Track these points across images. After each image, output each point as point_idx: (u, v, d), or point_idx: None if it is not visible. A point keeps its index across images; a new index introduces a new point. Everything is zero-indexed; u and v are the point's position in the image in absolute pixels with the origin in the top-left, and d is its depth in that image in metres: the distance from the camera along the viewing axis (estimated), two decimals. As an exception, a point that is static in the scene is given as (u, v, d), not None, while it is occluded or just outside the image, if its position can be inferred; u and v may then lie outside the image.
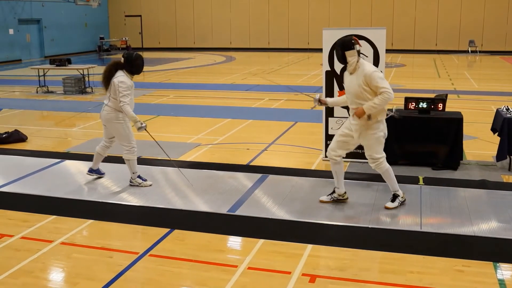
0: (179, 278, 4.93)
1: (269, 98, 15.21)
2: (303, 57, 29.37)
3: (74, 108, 14.17)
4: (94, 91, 17.01)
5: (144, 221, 6.31)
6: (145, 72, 23.74)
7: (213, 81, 19.72)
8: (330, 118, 8.58)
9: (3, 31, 28.61)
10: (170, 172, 8.17)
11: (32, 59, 30.33)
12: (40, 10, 31.20)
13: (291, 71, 22.66)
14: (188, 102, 15.01)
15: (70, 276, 5.05)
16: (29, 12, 30.42)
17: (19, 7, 29.58)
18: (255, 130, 11.12)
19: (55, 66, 17.59)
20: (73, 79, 16.99)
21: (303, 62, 26.81)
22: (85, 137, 10.71)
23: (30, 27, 30.96)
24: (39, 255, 5.44)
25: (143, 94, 16.49)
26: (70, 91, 16.89)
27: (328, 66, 8.46)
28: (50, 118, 13.29)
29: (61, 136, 10.99)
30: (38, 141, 10.41)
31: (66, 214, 6.52)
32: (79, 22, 34.56)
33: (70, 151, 9.57)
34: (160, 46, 36.71)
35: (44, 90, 17.43)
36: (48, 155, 9.28)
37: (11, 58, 29.02)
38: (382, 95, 6.06)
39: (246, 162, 8.65)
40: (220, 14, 35.32)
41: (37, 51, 31.58)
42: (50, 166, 8.61)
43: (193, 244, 5.64)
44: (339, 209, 6.54)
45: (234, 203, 6.76)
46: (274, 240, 5.68)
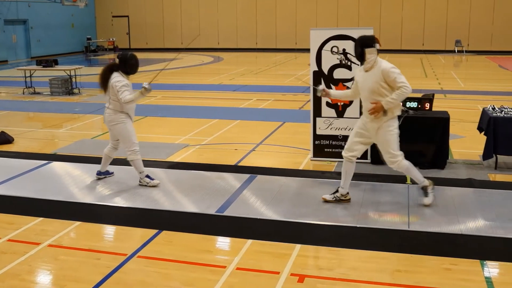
0: (168, 279, 4.92)
1: (257, 99, 15.21)
2: (290, 57, 29.41)
3: (61, 109, 14.08)
4: (81, 92, 16.92)
5: (132, 222, 6.29)
6: (133, 72, 23.65)
7: (200, 81, 19.70)
8: (318, 118, 8.59)
9: (-11, 32, 28.42)
10: (157, 172, 8.14)
11: (18, 60, 30.12)
12: (27, 11, 30.99)
13: (279, 71, 22.69)
14: (175, 102, 14.97)
15: (57, 279, 5.02)
16: (15, 12, 30.20)
17: (4, 8, 29.35)
18: (243, 130, 11.12)
19: (42, 67, 17.47)
20: (60, 80, 16.89)
21: (290, 62, 26.84)
22: (72, 139, 10.64)
23: (16, 28, 30.73)
24: (26, 258, 5.40)
25: (130, 95, 16.41)
26: (57, 92, 16.79)
27: (315, 66, 8.48)
28: (37, 120, 13.19)
29: (48, 138, 10.92)
30: (24, 143, 10.33)
31: (53, 216, 6.48)
32: (66, 22, 34.36)
33: (57, 153, 9.50)
34: (147, 46, 36.59)
35: (30, 91, 17.31)
36: (35, 156, 9.21)
37: (-4, 59, 28.83)
38: (400, 90, 6.08)
39: (234, 163, 8.65)
40: (208, 14, 35.28)
41: (24, 52, 31.36)
42: (37, 167, 8.55)
43: (181, 245, 5.63)
44: (327, 209, 6.55)
45: (223, 203, 6.75)
46: (262, 240, 5.68)
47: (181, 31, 35.99)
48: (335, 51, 8.33)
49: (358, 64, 8.19)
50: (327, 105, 8.51)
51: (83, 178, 8.05)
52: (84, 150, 9.57)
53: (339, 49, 8.32)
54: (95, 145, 9.96)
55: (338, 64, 8.36)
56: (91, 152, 9.42)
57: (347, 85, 8.33)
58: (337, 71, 8.38)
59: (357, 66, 7.08)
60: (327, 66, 8.40)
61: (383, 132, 6.33)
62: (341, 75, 8.37)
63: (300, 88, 16.76)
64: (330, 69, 8.39)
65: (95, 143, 10.22)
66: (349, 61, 8.31)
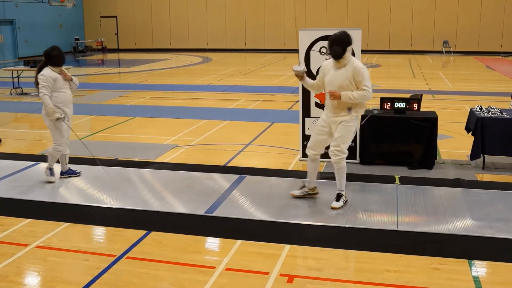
0: (157, 280, 4.91)
1: (246, 99, 15.22)
2: (279, 57, 29.45)
3: (49, 110, 13.98)
4: (69, 92, 16.81)
5: (120, 223, 6.26)
6: (121, 73, 23.61)
7: (189, 82, 19.67)
8: (307, 118, 8.61)
9: (-25, 32, 28.21)
10: (146, 173, 8.12)
11: (6, 61, 29.90)
12: (14, 11, 30.78)
13: (268, 72, 22.70)
14: (164, 103, 14.94)
15: (46, 280, 4.99)
16: (2, 12, 29.99)
17: (-9, 8, 29.19)
18: (232, 131, 11.12)
19: (30, 67, 17.35)
20: (48, 81, 16.76)
21: (279, 63, 26.88)
22: (60, 139, 10.57)
23: (3, 28, 30.52)
24: (14, 259, 5.37)
25: (119, 95, 16.39)
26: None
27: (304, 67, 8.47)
28: (25, 120, 13.11)
29: (36, 138, 10.86)
30: (12, 144, 10.27)
31: (41, 217, 6.44)
32: (53, 23, 34.18)
33: (45, 154, 9.43)
34: (136, 47, 36.48)
35: (18, 92, 17.21)
36: (23, 157, 9.16)
37: (-17, 60, 28.62)
38: (362, 92, 6.25)
39: (223, 163, 8.64)
40: (196, 15, 35.24)
41: (11, 52, 31.15)
42: (25, 168, 8.50)
43: (171, 246, 5.62)
44: (316, 209, 6.57)
45: (212, 204, 6.75)
46: (251, 241, 5.68)
47: (170, 32, 35.91)
48: (323, 51, 8.34)
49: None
50: (316, 106, 8.54)
51: (71, 179, 8.00)
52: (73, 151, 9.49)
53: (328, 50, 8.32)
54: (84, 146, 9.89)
55: (327, 64, 8.36)
56: (79, 152, 9.36)
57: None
58: (326, 71, 8.38)
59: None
60: (316, 66, 8.40)
61: (342, 127, 6.46)
62: (330, 75, 8.37)
63: (289, 88, 16.80)
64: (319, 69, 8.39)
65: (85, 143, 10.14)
66: (338, 62, 8.32)
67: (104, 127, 11.62)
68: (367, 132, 8.30)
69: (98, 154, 9.20)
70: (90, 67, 27.43)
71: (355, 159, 8.44)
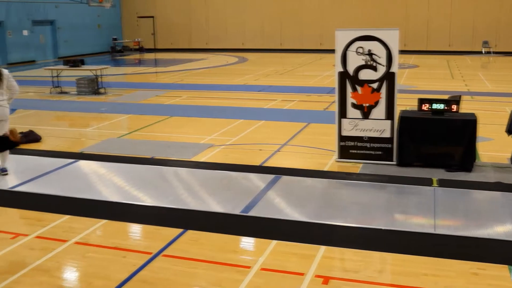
0: (194, 278, 4.94)
1: (282, 99, 15.20)
2: (315, 58, 29.33)
3: (87, 109, 14.24)
4: (107, 92, 17.08)
5: (157, 221, 6.33)
6: (158, 73, 23.85)
7: (226, 82, 19.74)
8: (343, 119, 8.56)
9: (18, 33, 28.82)
10: (183, 172, 8.19)
11: (46, 60, 30.52)
12: (54, 12, 31.38)
13: (304, 72, 22.63)
14: (200, 103, 15.03)
15: (84, 275, 5.08)
16: (43, 13, 30.61)
17: (33, 9, 29.78)
18: (268, 131, 11.12)
19: (69, 67, 17.70)
20: (87, 80, 17.07)
21: (316, 63, 26.77)
22: (98, 138, 10.76)
23: (44, 29, 31.15)
24: (54, 254, 5.48)
25: (155, 95, 16.55)
26: (83, 91, 16.98)
27: (341, 67, 8.45)
28: (64, 119, 13.36)
29: (75, 137, 11.05)
30: (52, 141, 10.47)
31: (80, 214, 6.56)
32: (92, 23, 34.72)
33: (84, 151, 9.61)
34: (172, 47, 36.79)
35: (58, 91, 17.53)
36: (63, 155, 9.33)
37: (25, 59, 29.22)
38: None
39: (259, 163, 8.65)
40: (233, 15, 35.34)
41: (51, 52, 31.76)
42: (65, 166, 8.66)
43: (207, 245, 5.65)
44: (352, 211, 6.53)
45: (247, 204, 6.76)
46: (287, 241, 5.67)
47: (207, 32, 36.09)
48: (360, 51, 8.29)
49: (384, 65, 8.19)
50: (353, 106, 8.48)
51: (109, 176, 8.13)
52: (111, 149, 9.67)
53: (365, 50, 8.28)
54: (121, 144, 10.06)
55: (364, 65, 8.32)
56: (117, 151, 9.51)
57: (373, 86, 8.29)
58: (363, 72, 8.33)
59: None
60: (353, 67, 8.36)
61: None
62: (366, 76, 8.32)
63: (325, 89, 16.72)
64: (356, 70, 8.35)
65: (121, 142, 10.32)
66: (375, 62, 8.26)
67: (141, 126, 11.76)
68: (405, 133, 8.20)
69: (136, 153, 9.34)
70: (128, 67, 27.78)
71: (392, 161, 8.35)
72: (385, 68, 8.24)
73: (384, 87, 8.29)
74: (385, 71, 8.24)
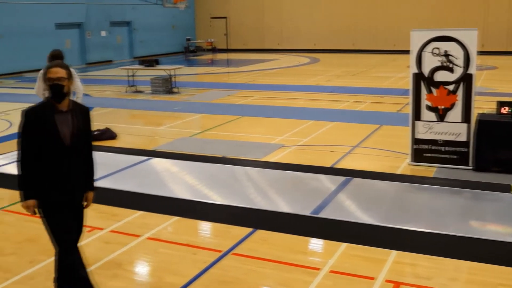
0: (262, 278, 4.95)
1: (354, 100, 15.02)
2: (388, 59, 28.81)
3: (161, 108, 14.57)
4: (180, 91, 17.41)
5: (227, 219, 6.39)
6: (230, 73, 24.11)
7: (297, 82, 19.71)
8: (417, 121, 8.35)
9: (96, 34, 29.90)
10: (254, 172, 8.23)
11: (122, 60, 31.47)
12: (131, 13, 32.31)
13: (377, 73, 22.27)
14: (272, 103, 15.07)
15: (156, 270, 5.20)
16: (120, 15, 31.59)
17: (111, 10, 30.78)
18: (339, 132, 11.01)
19: (144, 67, 18.17)
20: (161, 80, 17.47)
21: (389, 64, 26.29)
22: (172, 136, 10.98)
23: (121, 29, 32.15)
24: (127, 249, 5.63)
25: (227, 94, 16.73)
26: (157, 91, 17.39)
27: (416, 68, 8.25)
28: (139, 117, 13.73)
29: (149, 135, 11.33)
30: (127, 139, 10.77)
31: (153, 210, 6.71)
32: (167, 24, 35.52)
33: (157, 149, 9.84)
34: (245, 47, 37.09)
35: (133, 90, 18.04)
36: (137, 152, 9.58)
37: (103, 59, 30.25)
38: None
39: (330, 164, 8.58)
40: (306, 15, 35.23)
41: (127, 52, 32.74)
42: (139, 163, 8.90)
43: (276, 245, 5.65)
44: (425, 216, 6.36)
45: (318, 205, 6.72)
46: (357, 244, 5.59)
47: (280, 32, 36.13)
48: (436, 52, 8.07)
49: (461, 66, 7.93)
50: (428, 109, 8.26)
51: (181, 174, 8.29)
52: (183, 148, 9.85)
53: (441, 51, 8.05)
54: (193, 143, 10.23)
55: (440, 66, 8.09)
56: (189, 149, 9.67)
57: (449, 88, 8.05)
58: (439, 73, 8.11)
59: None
60: (428, 68, 8.15)
61: None
62: (442, 77, 8.09)
63: (399, 90, 16.38)
64: (431, 71, 8.14)
65: (194, 141, 10.49)
66: (451, 63, 8.02)
67: (213, 125, 11.92)
68: (483, 137, 7.91)
69: (207, 152, 9.47)
70: (200, 67, 28.23)
71: (468, 165, 8.08)
72: (462, 70, 7.98)
73: (460, 89, 8.04)
74: (462, 73, 7.99)
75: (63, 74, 3.99)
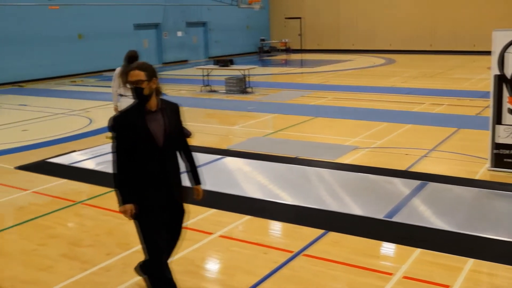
0: (333, 280, 4.91)
1: (430, 103, 14.63)
2: (468, 60, 27.89)
3: (235, 107, 14.72)
4: (254, 91, 17.53)
5: (299, 220, 6.37)
6: (304, 73, 24.06)
7: (372, 83, 19.41)
8: (498, 125, 8.04)
9: (173, 34, 30.60)
10: (326, 173, 8.17)
11: (198, 60, 32.03)
12: (206, 14, 32.85)
13: (455, 75, 21.61)
14: (346, 104, 14.91)
15: (227, 268, 5.26)
16: (196, 15, 32.18)
17: (187, 11, 31.41)
18: (414, 135, 10.75)
19: (219, 67, 18.42)
20: (235, 79, 17.65)
21: (468, 66, 25.44)
22: (245, 136, 11.07)
23: (197, 30, 32.74)
24: (199, 245, 5.73)
25: (301, 95, 16.70)
26: (231, 90, 17.58)
27: (498, 70, 7.94)
28: (213, 116, 13.92)
29: (223, 134, 11.47)
30: (202, 138, 10.93)
31: (225, 209, 6.79)
32: (241, 24, 35.86)
33: (231, 149, 9.94)
34: (319, 47, 36.91)
35: (207, 89, 18.32)
36: (211, 151, 9.71)
37: (178, 59, 30.91)
38: None
39: (404, 168, 8.39)
40: (383, 15, 34.65)
41: (203, 52, 33.30)
42: (212, 161, 9.02)
43: (348, 247, 5.59)
44: (505, 224, 6.10)
45: (391, 209, 6.59)
46: (432, 251, 5.44)
47: (356, 33, 35.70)
48: (520, 54, 7.73)
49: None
50: (510, 112, 7.93)
51: (254, 174, 8.34)
52: (256, 147, 9.91)
53: (526, 52, 7.71)
54: (266, 143, 10.27)
55: (525, 68, 7.75)
56: (262, 149, 9.72)
57: (534, 91, 7.71)
58: (523, 76, 7.78)
59: None
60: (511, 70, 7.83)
61: None
62: (527, 80, 7.76)
63: (478, 93, 15.83)
64: (515, 74, 7.81)
65: (267, 141, 10.53)
66: (537, 65, 7.67)
67: (286, 126, 11.92)
68: None
69: (280, 152, 9.49)
70: (274, 67, 28.32)
71: (553, 172, 7.71)
72: (549, 72, 7.61)
73: (546, 92, 7.68)
74: (548, 75, 7.62)
75: (142, 77, 4.01)
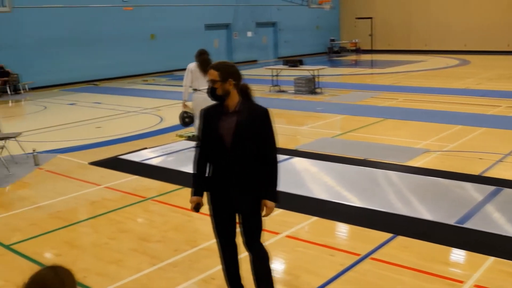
0: (401, 286, 4.80)
1: (507, 105, 14.09)
2: (548, 61, 26.69)
3: (304, 108, 14.68)
4: (323, 92, 17.43)
5: (366, 223, 6.28)
6: (374, 74, 23.72)
7: (444, 85, 18.89)
8: None
9: (243, 34, 30.87)
10: (395, 176, 8.02)
11: (267, 60, 32.16)
12: (276, 14, 32.94)
13: (534, 77, 20.73)
14: (417, 106, 14.57)
15: (293, 268, 5.25)
16: (265, 16, 32.32)
17: (257, 12, 31.61)
18: (489, 138, 10.38)
19: (288, 67, 18.42)
20: (304, 80, 17.60)
21: (548, 67, 24.34)
22: (313, 136, 11.03)
23: (267, 30, 32.89)
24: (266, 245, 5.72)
25: (371, 96, 16.47)
26: (300, 91, 17.54)
27: None
28: (282, 116, 13.93)
29: (292, 134, 11.46)
30: (269, 137, 10.95)
31: (292, 209, 6.78)
32: (311, 24, 35.75)
33: (299, 149, 9.92)
34: (390, 48, 36.27)
35: (276, 89, 18.36)
36: (279, 151, 9.66)
37: (248, 59, 31.16)
38: None
39: (478, 173, 8.12)
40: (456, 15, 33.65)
41: (272, 52, 33.42)
42: (281, 161, 8.95)
43: (417, 253, 5.46)
44: None
45: (463, 214, 6.38)
46: (507, 260, 5.23)
47: (428, 33, 34.85)
48: None
49: None
50: None
51: (321, 175, 8.29)
52: (324, 148, 9.85)
53: None
54: (335, 144, 10.19)
55: None
56: (330, 150, 9.65)
57: None
58: None
59: None
60: None
61: None
62: None
63: (559, 96, 15.12)
64: None
65: (335, 142, 10.45)
66: None
67: (355, 127, 11.79)
68: None
69: (348, 153, 9.39)
70: (344, 68, 28.04)
71: None
72: None
73: None
74: None
75: (215, 76, 4.03)
